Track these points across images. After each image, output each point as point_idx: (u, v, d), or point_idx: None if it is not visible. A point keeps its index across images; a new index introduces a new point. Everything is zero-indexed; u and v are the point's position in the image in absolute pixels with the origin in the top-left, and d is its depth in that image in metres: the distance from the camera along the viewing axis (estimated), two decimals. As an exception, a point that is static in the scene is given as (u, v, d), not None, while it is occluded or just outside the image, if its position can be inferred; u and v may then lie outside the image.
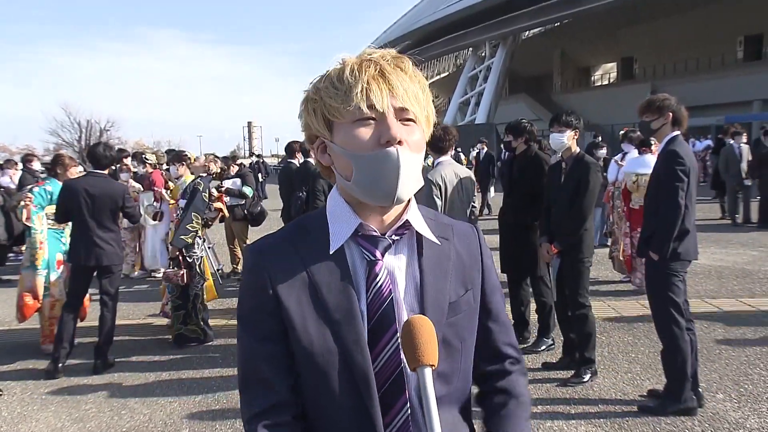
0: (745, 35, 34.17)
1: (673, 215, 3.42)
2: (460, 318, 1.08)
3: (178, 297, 5.19)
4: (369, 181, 0.98)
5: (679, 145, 3.52)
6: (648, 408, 3.62)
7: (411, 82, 1.00)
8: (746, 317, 5.41)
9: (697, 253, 3.59)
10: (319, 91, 1.01)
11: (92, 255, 4.63)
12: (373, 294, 1.02)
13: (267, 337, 1.03)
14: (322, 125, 1.02)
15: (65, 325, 4.64)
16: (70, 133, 56.84)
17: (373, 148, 0.97)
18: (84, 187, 4.65)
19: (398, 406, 1.01)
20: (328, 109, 0.99)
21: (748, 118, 26.07)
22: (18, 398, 4.25)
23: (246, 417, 1.03)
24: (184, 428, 3.69)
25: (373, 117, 0.97)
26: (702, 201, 14.02)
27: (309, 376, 1.02)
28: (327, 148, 1.05)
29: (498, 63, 36.59)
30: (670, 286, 3.50)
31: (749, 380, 4.03)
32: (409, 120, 1.00)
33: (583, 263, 4.08)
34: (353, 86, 0.96)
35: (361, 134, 0.97)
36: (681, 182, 3.40)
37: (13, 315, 6.45)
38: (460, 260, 1.11)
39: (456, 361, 1.08)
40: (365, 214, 1.04)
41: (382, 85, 0.97)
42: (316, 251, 1.04)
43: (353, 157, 0.98)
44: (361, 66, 0.98)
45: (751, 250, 8.56)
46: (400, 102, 0.98)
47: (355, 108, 0.96)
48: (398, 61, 1.01)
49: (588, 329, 4.11)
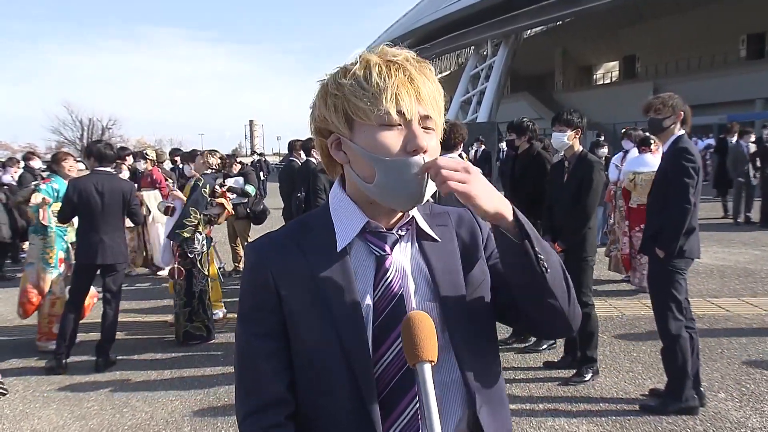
0: (748, 34, 34.06)
1: (683, 213, 3.40)
2: (479, 289, 1.09)
3: (184, 294, 5.22)
4: (393, 187, 0.98)
5: (687, 143, 3.53)
6: (649, 407, 3.62)
7: (434, 88, 1.00)
8: (748, 316, 5.40)
9: (699, 251, 3.59)
10: (342, 87, 0.98)
11: (99, 253, 4.63)
12: (382, 290, 1.01)
13: (266, 335, 1.02)
14: (342, 122, 1.01)
15: (67, 322, 4.65)
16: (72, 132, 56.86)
17: (399, 155, 0.96)
18: (93, 184, 4.65)
19: (405, 401, 1.00)
20: (353, 108, 0.98)
21: (750, 117, 26.05)
22: (20, 396, 4.26)
23: (240, 415, 1.03)
24: (186, 426, 3.69)
25: (400, 123, 0.96)
26: (703, 200, 13.99)
27: (309, 375, 1.01)
28: (343, 145, 1.03)
29: (500, 62, 36.51)
30: (673, 283, 3.50)
31: (751, 379, 4.03)
32: (429, 128, 1.00)
33: (586, 262, 4.07)
34: (383, 89, 0.95)
35: (387, 139, 0.96)
36: (691, 179, 3.40)
37: (15, 312, 6.47)
38: (462, 239, 1.12)
39: (483, 326, 1.09)
40: (374, 213, 1.04)
41: (411, 91, 0.96)
42: (320, 249, 1.03)
43: (377, 161, 0.97)
44: (389, 68, 0.97)
45: (753, 249, 8.54)
46: (425, 110, 0.98)
47: (384, 112, 0.95)
48: (422, 66, 1.01)
49: (590, 328, 4.11)
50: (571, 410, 3.68)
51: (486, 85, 36.06)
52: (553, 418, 3.58)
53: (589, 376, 4.08)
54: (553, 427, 3.48)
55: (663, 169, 3.65)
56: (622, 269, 6.79)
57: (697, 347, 3.65)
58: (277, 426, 1.00)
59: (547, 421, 3.54)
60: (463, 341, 1.04)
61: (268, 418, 1.00)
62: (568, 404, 3.77)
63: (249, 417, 1.01)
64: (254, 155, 26.56)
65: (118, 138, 54.37)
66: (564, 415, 3.62)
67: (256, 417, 1.00)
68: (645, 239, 3.71)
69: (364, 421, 0.98)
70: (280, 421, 1.00)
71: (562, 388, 4.01)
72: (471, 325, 1.05)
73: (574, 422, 3.52)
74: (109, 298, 4.77)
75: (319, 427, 1.02)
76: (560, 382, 4.08)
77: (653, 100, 3.67)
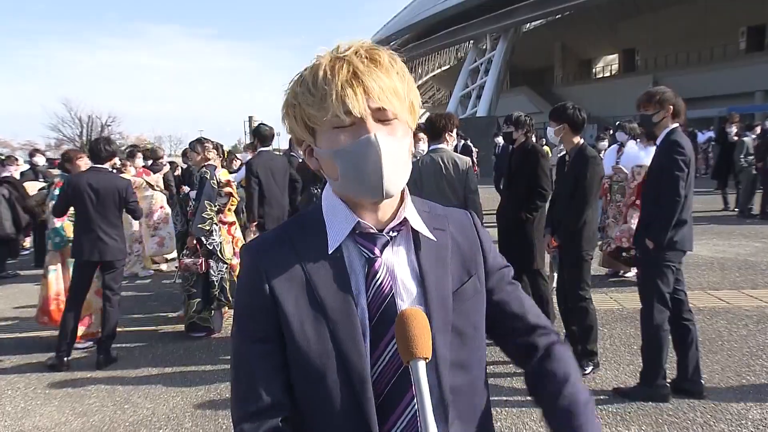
0: (748, 26, 33.97)
1: (672, 205, 3.46)
2: (469, 305, 1.07)
3: (192, 285, 5.23)
4: (353, 176, 0.96)
5: (680, 136, 3.56)
6: (621, 391, 3.73)
7: (387, 77, 0.95)
8: (748, 309, 5.40)
9: (692, 243, 3.62)
10: (297, 96, 0.98)
11: (96, 250, 4.63)
12: (373, 292, 1.00)
13: (261, 338, 1.01)
14: (305, 131, 1.00)
15: (68, 320, 4.65)
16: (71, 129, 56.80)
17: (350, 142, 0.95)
18: (88, 182, 4.65)
19: (403, 404, 0.99)
20: (308, 116, 0.97)
21: (750, 109, 26.01)
22: (21, 393, 4.27)
23: (235, 417, 1.02)
24: (187, 422, 3.70)
25: (353, 122, 0.94)
26: (704, 192, 13.98)
27: (305, 377, 1.00)
28: (314, 152, 1.03)
29: (499, 56, 36.46)
30: (660, 275, 3.55)
31: (751, 371, 4.03)
32: (387, 119, 0.96)
33: (581, 256, 4.07)
34: (328, 93, 0.93)
35: (342, 140, 0.95)
36: (682, 172, 3.43)
37: (18, 310, 6.48)
38: (459, 248, 1.10)
39: (473, 349, 1.07)
40: (361, 212, 1.02)
41: (357, 87, 0.92)
42: (313, 250, 1.02)
43: (334, 154, 0.96)
44: (333, 68, 0.94)
45: (754, 241, 8.54)
46: (377, 102, 0.94)
47: (332, 115, 0.93)
48: (372, 53, 0.96)
49: (589, 322, 4.11)
50: (571, 403, 3.68)
51: (485, 80, 36.04)
52: (554, 411, 3.58)
53: (589, 370, 4.09)
54: (553, 420, 3.48)
55: (656, 162, 3.67)
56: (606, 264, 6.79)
57: (695, 339, 3.67)
58: (273, 429, 0.98)
59: (547, 414, 3.54)
60: (445, 351, 1.02)
61: (263, 422, 0.98)
62: (569, 397, 3.77)
63: (243, 421, 1.00)
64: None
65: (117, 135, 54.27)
66: (565, 408, 3.62)
67: (250, 422, 0.99)
68: (638, 230, 3.76)
69: (361, 425, 0.97)
70: (275, 424, 0.99)
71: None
72: (456, 338, 1.03)
73: (574, 415, 3.51)
74: (110, 295, 4.76)
75: (316, 428, 1.01)
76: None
77: (641, 95, 3.71)
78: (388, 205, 1.03)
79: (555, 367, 1.11)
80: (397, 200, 1.05)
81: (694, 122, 24.37)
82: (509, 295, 1.14)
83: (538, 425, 3.42)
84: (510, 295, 1.14)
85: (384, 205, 1.03)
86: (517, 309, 1.14)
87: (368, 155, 0.94)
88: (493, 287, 1.12)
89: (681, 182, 3.43)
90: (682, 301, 3.69)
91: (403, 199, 1.06)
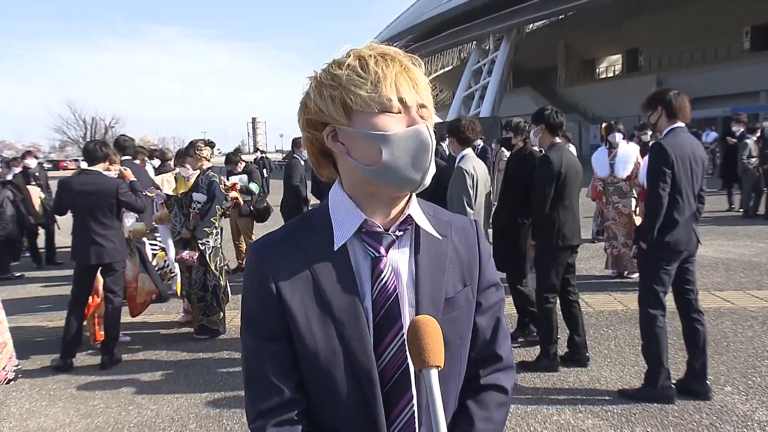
0: (752, 25, 33.80)
1: (653, 206, 3.53)
2: (458, 314, 1.08)
3: (200, 289, 5.28)
4: (400, 162, 0.97)
5: (673, 136, 3.57)
6: (626, 393, 3.75)
7: (426, 80, 1.02)
8: (754, 309, 5.38)
9: (692, 244, 3.63)
10: (339, 77, 0.98)
11: (93, 253, 4.63)
12: (378, 291, 1.01)
13: (271, 338, 1.02)
14: (340, 112, 0.99)
15: (71, 322, 4.66)
16: (76, 130, 57.02)
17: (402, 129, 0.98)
18: (79, 185, 4.64)
19: (403, 402, 1.01)
20: (353, 96, 0.97)
21: (755, 109, 25.86)
22: (26, 394, 4.28)
23: (251, 416, 1.03)
24: (192, 423, 3.70)
25: (400, 110, 0.97)
26: (708, 193, 13.92)
27: (313, 375, 1.02)
28: (340, 135, 1.02)
29: (502, 56, 36.38)
30: (654, 275, 3.61)
31: (757, 373, 4.01)
32: (424, 117, 1.01)
33: (545, 260, 4.17)
34: (382, 78, 0.96)
35: (389, 124, 0.97)
36: (662, 174, 3.48)
37: (21, 312, 6.55)
38: (458, 256, 1.10)
39: (455, 359, 1.07)
40: (371, 210, 1.03)
41: (409, 79, 0.98)
42: (319, 249, 1.03)
43: (383, 138, 0.96)
44: (385, 59, 0.98)
45: (759, 242, 8.50)
46: (422, 98, 1.00)
47: (386, 98, 0.96)
48: (412, 58, 1.03)
49: (548, 327, 4.18)
50: (576, 404, 3.68)
51: (488, 80, 35.97)
52: (559, 413, 3.57)
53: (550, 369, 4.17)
54: (558, 421, 3.47)
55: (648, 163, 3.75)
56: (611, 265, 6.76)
57: (704, 339, 3.66)
58: (289, 422, 1.00)
59: (552, 416, 3.54)
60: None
61: (280, 416, 1.00)
62: (574, 398, 3.76)
63: (258, 419, 1.02)
64: (257, 152, 26.48)
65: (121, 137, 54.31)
66: (570, 409, 3.62)
67: (264, 419, 1.01)
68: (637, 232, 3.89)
69: (368, 420, 1.00)
70: (290, 418, 1.01)
71: (567, 383, 4.00)
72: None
73: (579, 416, 3.51)
74: (111, 297, 4.77)
75: (324, 425, 1.03)
76: (568, 375, 4.08)
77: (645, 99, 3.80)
78: (397, 203, 1.05)
79: (474, 409, 1.11)
80: (405, 200, 1.06)
81: (698, 122, 24.25)
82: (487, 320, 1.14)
83: (543, 427, 3.41)
84: (487, 320, 1.14)
85: (395, 204, 1.04)
86: (485, 334, 1.14)
87: (421, 145, 0.97)
88: (479, 302, 1.13)
89: (661, 183, 3.48)
90: (690, 300, 3.70)
91: (409, 199, 1.07)
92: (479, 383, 1.13)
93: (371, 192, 1.02)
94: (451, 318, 1.06)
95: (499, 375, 1.14)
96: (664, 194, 3.49)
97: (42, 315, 6.38)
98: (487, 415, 1.10)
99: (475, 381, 1.13)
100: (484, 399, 1.11)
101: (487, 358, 1.14)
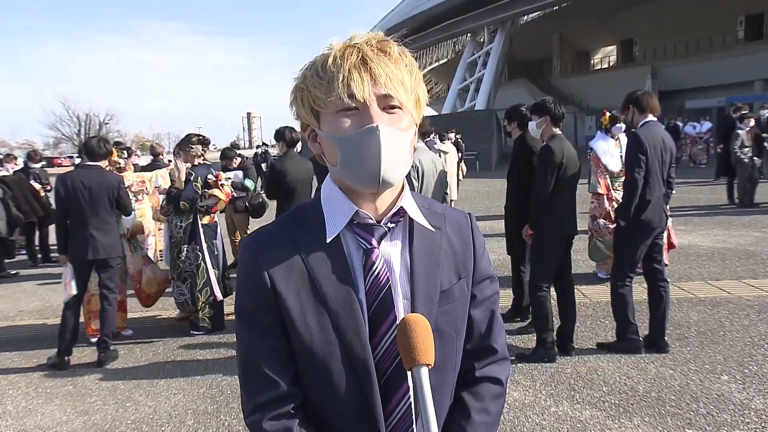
0: (746, 15, 33.79)
1: (630, 187, 4.08)
2: (453, 306, 1.08)
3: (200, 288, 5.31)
4: (353, 164, 0.97)
5: (647, 128, 4.13)
6: (603, 345, 4.38)
7: (395, 66, 0.97)
8: (750, 298, 5.40)
9: (663, 221, 4.22)
10: (306, 80, 0.99)
11: (89, 248, 4.61)
12: (370, 283, 1.01)
13: (266, 332, 1.02)
14: (310, 115, 1.01)
15: (68, 318, 4.64)
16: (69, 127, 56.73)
17: (354, 131, 0.96)
18: (79, 179, 4.62)
19: (399, 395, 1.01)
20: (314, 99, 0.98)
21: (749, 99, 25.83)
22: (23, 392, 4.26)
23: (247, 410, 1.03)
24: (189, 419, 3.69)
25: (356, 107, 0.95)
26: (703, 183, 13.97)
27: (309, 369, 1.01)
28: (318, 137, 1.03)
29: (497, 48, 36.26)
30: (627, 248, 4.22)
31: (754, 361, 4.03)
32: (394, 107, 0.97)
33: (539, 248, 4.25)
34: (335, 76, 0.94)
35: (344, 124, 0.96)
36: (637, 160, 4.03)
37: (17, 309, 6.51)
38: (453, 249, 1.10)
39: (450, 351, 1.08)
40: (359, 201, 1.03)
41: (364, 73, 0.94)
42: (312, 242, 1.03)
43: (338, 140, 0.97)
44: (343, 54, 0.96)
45: (754, 231, 8.52)
46: (383, 89, 0.95)
47: (337, 98, 0.94)
48: (383, 44, 0.99)
49: (543, 315, 4.22)
50: (574, 396, 3.69)
51: (483, 73, 35.86)
52: (557, 404, 3.58)
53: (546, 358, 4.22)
54: (556, 412, 3.48)
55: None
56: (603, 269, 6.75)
57: (667, 303, 4.25)
58: (285, 415, 1.00)
59: (550, 407, 3.54)
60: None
61: (276, 410, 1.00)
62: (572, 390, 3.77)
63: (255, 413, 1.01)
64: (258, 147, 26.28)
65: (115, 133, 54.19)
66: (567, 400, 3.63)
67: (260, 412, 1.01)
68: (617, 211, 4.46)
69: (366, 413, 1.00)
70: (287, 411, 1.01)
71: (565, 374, 4.01)
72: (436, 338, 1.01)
73: (577, 407, 3.52)
74: (107, 293, 4.75)
75: (322, 418, 1.03)
76: (566, 366, 4.09)
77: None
78: (387, 195, 1.04)
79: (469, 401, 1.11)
80: (397, 192, 1.06)
81: (693, 112, 24.29)
82: (481, 313, 1.14)
83: (541, 418, 3.42)
84: (481, 313, 1.14)
85: (383, 196, 1.04)
86: (480, 326, 1.14)
87: (369, 145, 0.95)
88: (474, 295, 1.13)
89: (636, 169, 4.04)
90: (658, 269, 4.29)
91: (402, 190, 1.06)
92: (474, 375, 1.13)
93: (349, 188, 1.03)
94: (446, 310, 1.06)
95: (494, 367, 1.14)
96: (640, 177, 4.03)
97: (37, 313, 6.36)
98: (482, 407, 1.10)
99: (470, 373, 1.13)
100: (479, 391, 1.12)
101: (482, 351, 1.14)
